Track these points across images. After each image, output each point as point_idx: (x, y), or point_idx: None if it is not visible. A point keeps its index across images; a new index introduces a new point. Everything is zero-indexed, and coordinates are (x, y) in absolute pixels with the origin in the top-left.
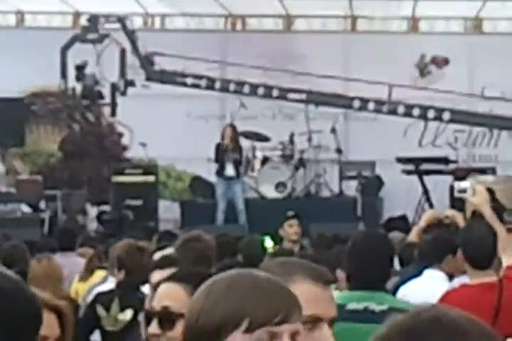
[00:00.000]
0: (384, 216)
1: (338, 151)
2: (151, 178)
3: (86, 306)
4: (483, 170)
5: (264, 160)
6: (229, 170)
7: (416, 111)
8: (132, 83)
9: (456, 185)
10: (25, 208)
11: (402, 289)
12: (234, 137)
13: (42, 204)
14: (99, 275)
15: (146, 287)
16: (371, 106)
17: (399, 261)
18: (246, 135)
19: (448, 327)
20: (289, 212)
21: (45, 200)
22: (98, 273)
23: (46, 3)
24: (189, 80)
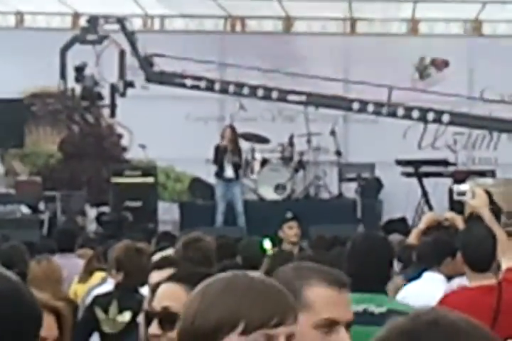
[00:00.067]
0: (383, 218)
1: (338, 153)
2: (151, 179)
3: (84, 308)
4: (482, 173)
5: (263, 162)
6: (228, 172)
7: (415, 113)
8: (132, 84)
9: (455, 188)
10: (24, 209)
11: (402, 291)
12: (233, 139)
13: (41, 205)
14: (98, 276)
15: (145, 289)
16: (371, 108)
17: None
18: (245, 137)
19: (447, 329)
20: (288, 214)
21: (44, 201)
22: (97, 274)
23: (45, 4)
24: (188, 81)
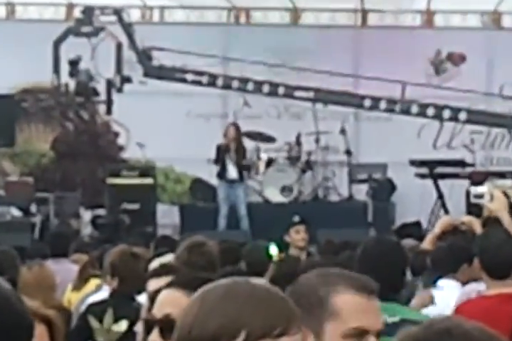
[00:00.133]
0: (396, 222)
1: (348, 153)
2: (149, 180)
3: (78, 317)
4: (501, 174)
5: (269, 162)
6: (231, 173)
7: (430, 110)
8: (129, 79)
9: (472, 190)
10: (15, 212)
11: (415, 300)
12: (237, 137)
13: (33, 207)
14: (93, 284)
15: (142, 297)
16: (383, 105)
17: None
18: (250, 135)
19: (459, 338)
20: (296, 217)
21: (36, 203)
22: (93, 281)
23: None
24: (189, 76)
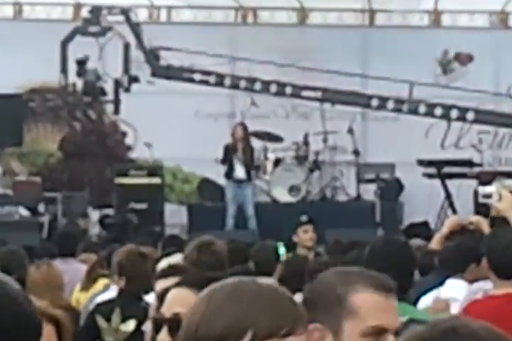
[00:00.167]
0: (404, 222)
1: (356, 153)
2: (157, 180)
3: (85, 317)
4: (509, 174)
5: (276, 161)
6: (239, 173)
7: (438, 110)
8: (136, 79)
9: (480, 190)
10: (23, 211)
11: (423, 300)
12: (244, 137)
13: (41, 207)
14: (102, 283)
15: (150, 296)
16: (390, 105)
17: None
18: (257, 135)
19: (465, 338)
20: (303, 217)
21: (44, 203)
22: (101, 281)
23: None
24: (197, 76)
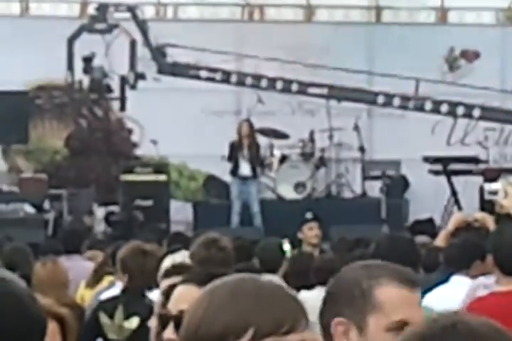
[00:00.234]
0: (410, 219)
1: (361, 150)
2: (163, 177)
3: (89, 314)
4: None
5: (282, 158)
6: (244, 170)
7: (444, 107)
8: (143, 76)
9: (486, 187)
10: (28, 208)
11: (428, 296)
12: (250, 134)
13: (46, 204)
14: (107, 280)
15: (154, 293)
16: (396, 101)
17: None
18: (263, 132)
19: (464, 333)
20: (309, 214)
21: (49, 200)
22: (107, 278)
23: None
24: (203, 73)
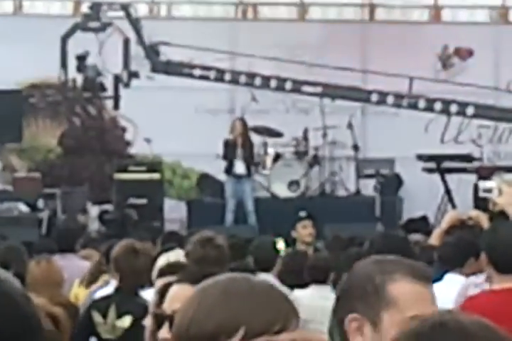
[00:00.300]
0: (404, 217)
1: (355, 148)
2: (156, 176)
3: (82, 312)
4: (509, 169)
5: (276, 157)
6: (239, 168)
7: (438, 105)
8: (136, 74)
9: (480, 185)
10: (22, 207)
11: None
12: (244, 132)
13: (40, 202)
14: (102, 279)
15: (146, 292)
16: (390, 100)
17: None
18: (257, 130)
19: (454, 333)
20: (303, 213)
21: (43, 199)
22: (103, 277)
23: None
24: (197, 72)
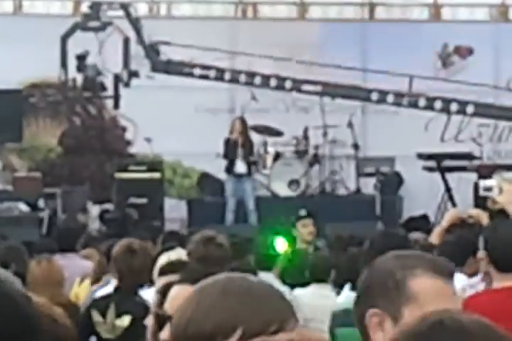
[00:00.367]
0: (404, 215)
1: (355, 147)
2: (157, 175)
3: (82, 312)
4: (509, 167)
5: (276, 156)
6: (239, 167)
7: (438, 104)
8: (136, 74)
9: (481, 183)
10: (22, 207)
11: None
12: (244, 131)
13: (41, 202)
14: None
15: (145, 292)
16: (390, 98)
17: None
18: (257, 129)
19: (453, 332)
20: (303, 211)
21: (43, 198)
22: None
23: None
24: (197, 71)
